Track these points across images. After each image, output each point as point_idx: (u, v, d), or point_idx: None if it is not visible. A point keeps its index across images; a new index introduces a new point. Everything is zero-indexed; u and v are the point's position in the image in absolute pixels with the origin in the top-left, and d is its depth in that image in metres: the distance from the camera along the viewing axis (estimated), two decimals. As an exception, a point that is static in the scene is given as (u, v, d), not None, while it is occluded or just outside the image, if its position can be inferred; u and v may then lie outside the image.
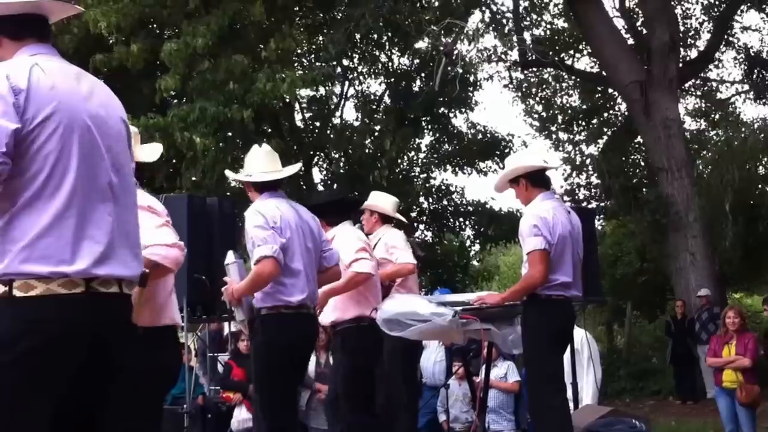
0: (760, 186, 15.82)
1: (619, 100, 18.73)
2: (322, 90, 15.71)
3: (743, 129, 16.71)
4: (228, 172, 5.42)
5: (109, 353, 2.45)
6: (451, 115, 18.25)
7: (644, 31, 16.32)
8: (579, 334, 7.28)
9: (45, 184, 2.31)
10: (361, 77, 18.50)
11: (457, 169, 18.79)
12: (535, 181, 5.34)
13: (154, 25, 13.52)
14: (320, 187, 17.38)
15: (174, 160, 12.54)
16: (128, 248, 2.51)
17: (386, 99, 18.54)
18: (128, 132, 2.67)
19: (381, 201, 6.51)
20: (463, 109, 18.14)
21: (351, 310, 5.37)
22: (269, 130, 15.88)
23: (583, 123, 20.79)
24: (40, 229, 2.28)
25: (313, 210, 5.11)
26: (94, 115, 2.47)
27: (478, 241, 19.24)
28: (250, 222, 4.58)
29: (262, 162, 4.83)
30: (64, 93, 2.40)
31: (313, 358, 8.71)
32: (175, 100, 13.01)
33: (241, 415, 8.09)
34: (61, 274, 2.28)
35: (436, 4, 16.41)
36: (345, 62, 16.96)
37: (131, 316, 2.57)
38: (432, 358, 8.81)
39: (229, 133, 13.03)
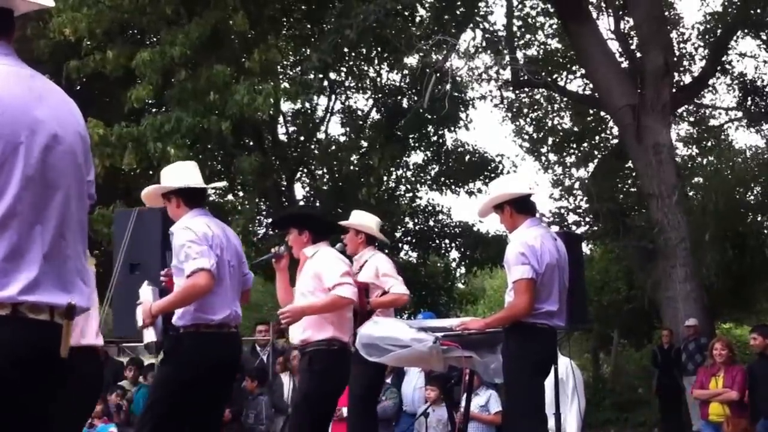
0: (750, 215, 15.66)
1: (610, 123, 18.61)
2: (305, 104, 15.51)
3: (734, 156, 16.59)
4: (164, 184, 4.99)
5: (32, 385, 2.22)
6: (441, 133, 18.07)
7: (638, 55, 16.20)
8: (564, 362, 7.14)
9: None
10: (348, 92, 18.31)
11: (444, 188, 18.59)
12: (520, 207, 5.26)
13: (135, 32, 13.27)
14: (302, 203, 17.15)
15: (151, 172, 12.23)
16: (64, 276, 2.29)
17: (374, 115, 18.36)
18: (84, 144, 2.43)
19: (366, 220, 6.39)
20: (453, 128, 17.96)
21: (326, 331, 5.15)
22: (250, 143, 15.63)
23: (574, 145, 20.67)
24: None
25: (305, 218, 5.24)
26: (42, 127, 2.24)
27: (464, 263, 19.02)
28: (181, 238, 4.50)
29: (193, 174, 4.82)
30: (8, 106, 2.17)
31: (288, 382, 8.47)
32: (154, 109, 12.74)
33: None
34: None
35: (427, 20, 16.24)
36: (332, 75, 16.77)
37: (60, 347, 2.28)
38: (412, 384, 8.56)
39: (209, 146, 12.76)
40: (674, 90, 16.10)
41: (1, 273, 2.13)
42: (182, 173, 4.82)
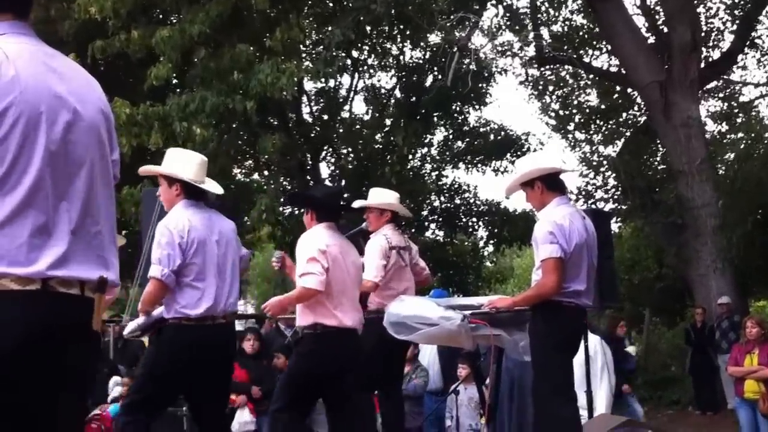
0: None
1: (638, 99, 18.38)
2: (329, 82, 15.45)
3: (764, 132, 16.33)
4: (154, 167, 5.14)
5: (65, 358, 2.22)
6: (465, 110, 17.97)
7: (665, 30, 15.96)
8: (593, 340, 7.08)
9: (3, 180, 2.14)
10: (371, 70, 18.25)
11: (470, 166, 18.49)
12: (550, 184, 5.19)
13: (158, 11, 13.27)
14: (328, 182, 17.15)
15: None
16: (93, 251, 2.30)
17: (397, 93, 18.28)
18: (107, 122, 2.44)
19: (388, 197, 6.37)
20: (477, 106, 17.85)
21: (307, 317, 5.24)
22: (274, 122, 15.62)
23: (601, 123, 20.45)
24: None
25: (308, 199, 5.29)
26: (63, 104, 2.25)
27: (491, 242, 18.95)
28: (158, 233, 4.69)
29: (197, 169, 4.85)
30: (30, 81, 2.17)
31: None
32: (178, 90, 12.75)
33: (243, 418, 7.87)
34: (12, 276, 2.12)
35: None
36: (355, 54, 16.69)
37: (91, 321, 2.30)
38: (426, 362, 8.53)
39: (234, 125, 12.76)
40: (703, 66, 15.86)
41: (29, 248, 2.13)
42: (185, 162, 4.88)
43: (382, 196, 6.37)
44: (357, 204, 6.36)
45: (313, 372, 5.22)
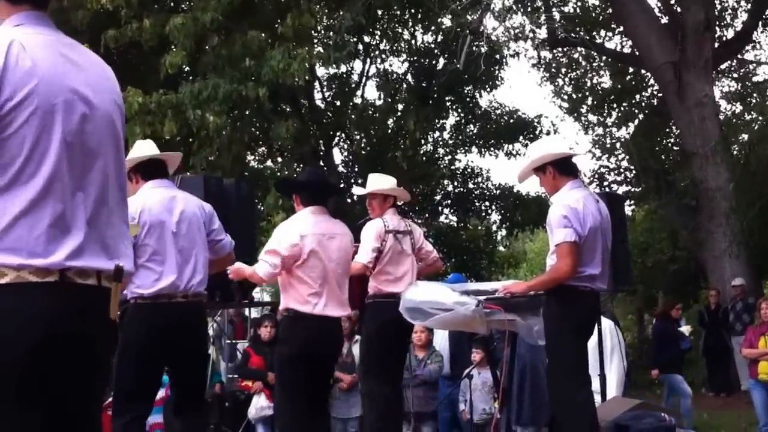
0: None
1: (651, 81, 18.28)
2: (340, 68, 15.39)
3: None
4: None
5: (89, 349, 2.25)
6: (477, 93, 17.92)
7: (678, 10, 15.85)
8: (605, 323, 7.04)
9: (20, 170, 2.14)
10: (383, 55, 18.20)
11: (483, 150, 18.46)
12: (563, 168, 5.18)
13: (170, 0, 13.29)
14: (341, 168, 17.19)
15: (191, 140, 12.29)
16: (108, 241, 2.32)
17: (409, 78, 18.24)
18: (121, 114, 2.46)
19: (391, 182, 6.36)
20: (489, 88, 17.79)
21: (284, 301, 5.28)
22: (287, 109, 15.62)
23: (614, 105, 20.36)
24: (11, 219, 2.12)
25: (289, 185, 5.31)
26: (79, 95, 2.26)
27: (504, 226, 18.93)
28: None
29: (147, 148, 4.85)
30: (46, 72, 2.18)
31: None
32: (191, 77, 12.76)
33: (260, 403, 7.90)
34: (31, 267, 2.12)
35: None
36: (366, 39, 16.64)
37: (109, 310, 2.33)
38: (438, 347, 8.53)
39: (247, 111, 12.76)
40: (716, 46, 15.74)
41: (47, 238, 2.15)
42: (138, 149, 4.88)
43: (384, 182, 6.34)
44: (358, 191, 6.34)
45: (291, 358, 5.19)
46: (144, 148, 4.88)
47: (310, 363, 5.18)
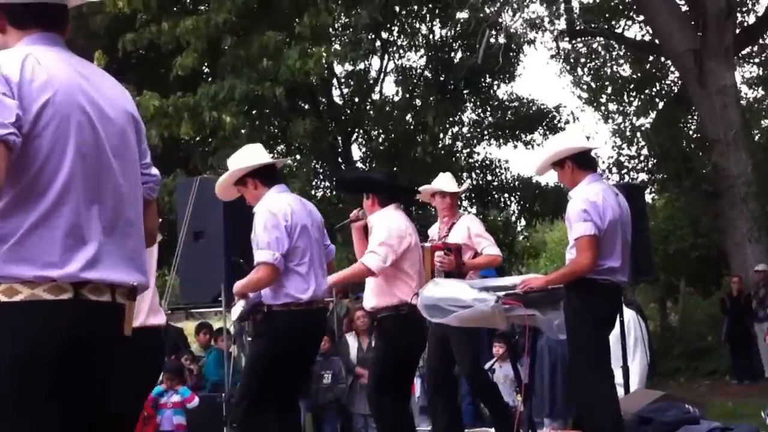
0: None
1: (671, 69, 18.14)
2: (358, 65, 15.39)
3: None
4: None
5: (99, 365, 2.29)
6: (495, 84, 17.87)
7: (699, -3, 15.71)
8: (627, 315, 7.04)
9: (35, 180, 2.14)
10: (401, 51, 18.18)
11: (501, 141, 18.41)
12: (581, 163, 5.16)
13: (188, 2, 13.32)
14: (359, 165, 17.17)
15: (211, 140, 12.35)
16: (125, 254, 2.32)
17: (426, 72, 18.21)
18: (137, 126, 2.47)
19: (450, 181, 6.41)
20: (507, 80, 17.73)
21: (388, 298, 5.34)
22: (305, 106, 15.64)
23: (634, 93, 20.21)
24: (26, 229, 2.12)
25: (369, 183, 5.36)
26: (94, 108, 2.29)
27: (523, 216, 18.89)
28: (259, 220, 4.63)
29: (259, 153, 4.88)
30: (62, 84, 2.21)
31: (354, 343, 8.55)
32: (209, 79, 12.82)
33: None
34: (46, 278, 2.12)
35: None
36: (384, 35, 16.62)
37: (123, 328, 2.33)
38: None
39: (266, 110, 12.79)
40: (738, 31, 15.60)
41: (63, 249, 2.15)
42: (250, 155, 4.86)
43: (449, 181, 6.39)
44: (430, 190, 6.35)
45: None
46: (257, 155, 4.89)
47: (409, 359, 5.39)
